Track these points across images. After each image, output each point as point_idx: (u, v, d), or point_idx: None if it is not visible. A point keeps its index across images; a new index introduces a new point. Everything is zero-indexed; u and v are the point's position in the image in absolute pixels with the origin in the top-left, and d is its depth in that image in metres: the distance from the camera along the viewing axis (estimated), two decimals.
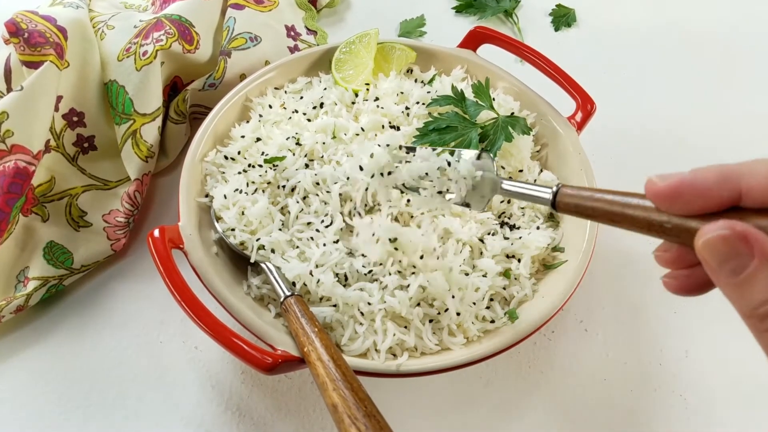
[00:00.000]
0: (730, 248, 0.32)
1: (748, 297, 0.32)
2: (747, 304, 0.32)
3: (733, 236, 0.32)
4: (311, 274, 0.61)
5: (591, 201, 0.42)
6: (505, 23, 1.12)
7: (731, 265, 0.32)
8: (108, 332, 0.70)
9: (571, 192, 0.44)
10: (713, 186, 0.33)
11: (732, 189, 0.33)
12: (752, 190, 0.33)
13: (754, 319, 0.31)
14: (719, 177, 0.33)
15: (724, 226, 0.32)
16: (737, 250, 0.32)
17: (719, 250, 0.32)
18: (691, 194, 0.34)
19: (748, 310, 0.32)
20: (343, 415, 0.46)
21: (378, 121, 0.73)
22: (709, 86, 1.02)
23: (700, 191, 0.34)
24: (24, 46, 0.71)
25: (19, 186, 0.69)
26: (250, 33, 0.88)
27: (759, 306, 0.31)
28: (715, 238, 0.32)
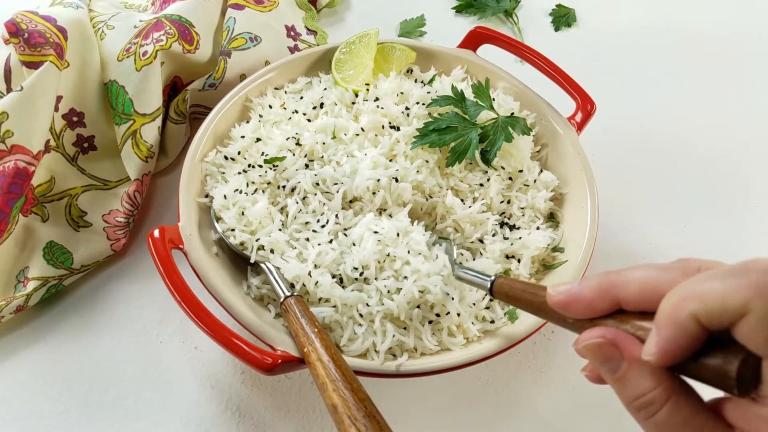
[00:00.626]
0: (603, 352, 0.37)
1: (624, 392, 0.36)
2: (624, 398, 0.36)
3: (605, 344, 0.37)
4: (310, 275, 0.61)
5: (518, 293, 0.49)
6: (505, 23, 1.12)
7: (607, 366, 0.37)
8: (107, 332, 0.70)
9: (504, 283, 0.52)
10: (594, 299, 0.39)
11: (611, 300, 0.38)
12: (627, 300, 0.37)
13: (632, 410, 0.36)
14: (597, 292, 0.38)
15: (598, 335, 0.37)
16: (609, 354, 0.37)
17: (596, 354, 0.37)
18: (577, 306, 0.40)
19: (627, 402, 0.36)
20: (343, 416, 0.46)
21: (378, 121, 0.73)
22: (709, 86, 1.02)
23: (584, 304, 0.39)
24: (24, 46, 0.71)
25: (18, 186, 0.69)
26: (250, 33, 0.88)
27: (633, 400, 0.36)
28: (590, 345, 0.38)
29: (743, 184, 0.90)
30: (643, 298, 0.37)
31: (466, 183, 0.71)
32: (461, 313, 0.60)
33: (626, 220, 0.83)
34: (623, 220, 0.83)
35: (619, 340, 0.37)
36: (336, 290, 0.60)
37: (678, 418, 0.34)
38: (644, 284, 0.37)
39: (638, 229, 0.83)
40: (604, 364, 0.37)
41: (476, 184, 0.71)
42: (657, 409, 0.35)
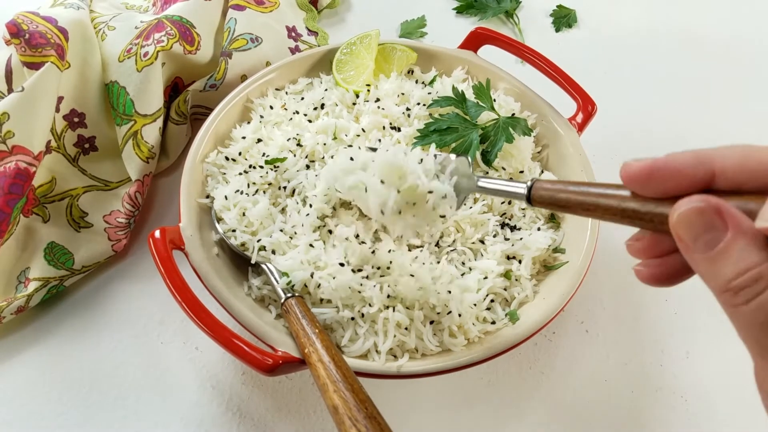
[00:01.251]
0: (704, 221, 0.32)
1: (723, 271, 0.31)
2: (721, 278, 0.31)
3: (708, 209, 0.32)
4: (312, 276, 0.61)
5: (565, 192, 0.42)
6: (506, 24, 1.12)
7: (705, 239, 0.32)
8: (108, 333, 0.70)
9: (545, 186, 0.45)
10: (688, 166, 0.34)
11: (706, 170, 0.34)
12: (725, 171, 0.33)
13: (728, 293, 0.31)
14: (693, 159, 0.34)
15: (699, 199, 0.32)
16: (711, 223, 0.32)
17: (694, 223, 0.32)
18: (665, 174, 0.34)
19: (722, 284, 0.31)
20: (344, 417, 0.46)
21: (379, 122, 0.73)
22: (710, 87, 1.02)
23: (674, 171, 0.34)
24: (25, 47, 0.71)
25: (20, 187, 0.69)
26: (251, 34, 0.88)
27: (733, 278, 0.31)
28: (690, 211, 0.32)
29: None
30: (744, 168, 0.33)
31: None
32: (462, 314, 0.60)
33: None
34: None
35: (725, 208, 0.32)
36: (336, 293, 0.59)
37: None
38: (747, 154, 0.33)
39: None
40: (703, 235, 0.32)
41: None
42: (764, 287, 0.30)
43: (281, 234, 0.65)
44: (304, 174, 0.68)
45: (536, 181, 0.46)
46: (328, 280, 0.60)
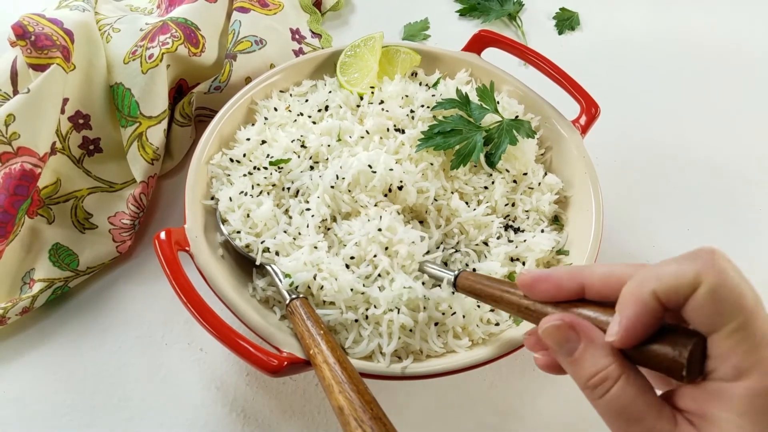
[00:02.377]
0: (561, 335, 0.40)
1: (581, 373, 0.39)
2: (581, 378, 0.39)
3: (563, 325, 0.40)
4: (315, 278, 0.61)
5: (480, 285, 0.52)
6: (509, 26, 1.12)
7: (565, 348, 0.40)
8: (113, 334, 0.70)
9: (468, 277, 0.55)
10: (563, 280, 0.42)
11: (578, 283, 0.42)
12: (593, 286, 0.41)
13: (587, 390, 0.39)
14: (568, 275, 0.42)
15: (558, 318, 0.41)
16: (567, 336, 0.40)
17: (554, 336, 0.40)
18: (545, 285, 0.43)
19: (582, 382, 0.39)
20: (350, 418, 0.46)
21: (383, 124, 0.73)
22: (712, 89, 1.03)
23: (552, 283, 0.43)
24: (31, 48, 0.72)
25: (25, 188, 0.69)
26: (255, 36, 0.88)
27: (589, 378, 0.38)
28: (550, 327, 0.41)
29: (746, 187, 0.90)
30: (606, 284, 0.40)
31: (470, 186, 0.71)
32: (466, 315, 0.60)
33: (630, 223, 0.83)
34: (627, 223, 0.83)
35: (577, 323, 0.40)
36: (339, 294, 0.60)
37: (630, 394, 0.37)
38: (608, 273, 0.41)
39: (642, 232, 0.83)
40: (563, 346, 0.40)
41: (481, 187, 0.71)
42: (611, 385, 0.37)
43: (285, 235, 0.65)
44: (308, 175, 0.69)
45: (462, 271, 0.56)
46: (330, 282, 0.60)
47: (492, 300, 0.50)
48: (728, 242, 0.83)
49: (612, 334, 0.38)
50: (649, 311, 0.36)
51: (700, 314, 0.35)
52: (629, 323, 0.37)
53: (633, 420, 0.37)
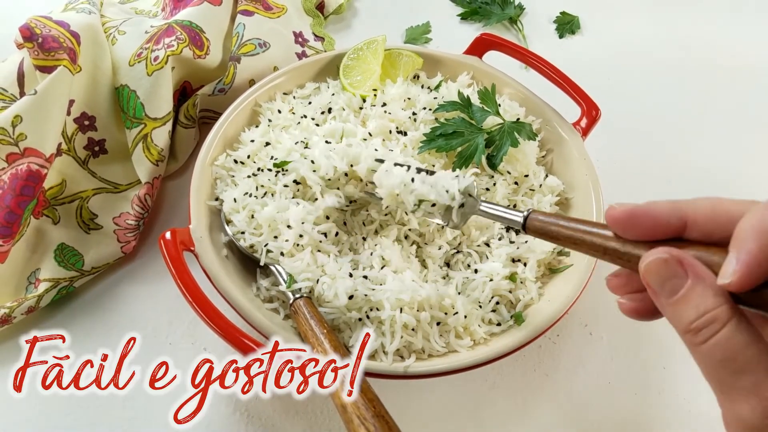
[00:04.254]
0: (668, 270, 0.36)
1: (684, 314, 0.35)
2: (683, 321, 0.35)
3: (671, 260, 0.36)
4: (317, 281, 0.62)
5: (556, 226, 0.47)
6: (510, 30, 1.13)
7: (669, 286, 0.36)
8: (117, 333, 0.70)
9: (539, 217, 0.49)
10: (663, 215, 0.38)
11: (679, 218, 0.38)
12: (697, 221, 0.37)
13: (690, 334, 0.35)
14: (669, 208, 0.38)
15: (664, 251, 0.37)
16: (674, 272, 0.36)
17: (659, 271, 0.36)
18: (643, 220, 0.39)
19: (684, 326, 0.35)
20: (352, 416, 0.47)
21: (385, 126, 0.74)
22: (712, 92, 1.03)
23: (651, 218, 0.39)
24: (38, 50, 0.72)
25: (31, 188, 0.70)
26: (259, 39, 0.89)
27: (694, 320, 0.35)
28: (655, 261, 0.37)
29: (746, 190, 0.90)
30: (713, 219, 0.36)
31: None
32: (468, 316, 0.61)
33: None
34: None
35: (685, 258, 0.36)
36: (346, 282, 0.60)
37: (739, 340, 0.33)
38: (716, 206, 0.37)
39: None
40: (667, 282, 0.36)
41: (482, 189, 0.72)
42: (719, 328, 0.33)
43: (289, 234, 0.65)
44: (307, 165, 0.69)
45: (532, 211, 0.50)
46: (330, 287, 0.61)
47: (571, 242, 0.45)
48: None
49: (727, 274, 0.34)
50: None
51: None
52: (751, 259, 0.33)
53: (740, 371, 0.33)
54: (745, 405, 0.33)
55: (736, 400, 0.33)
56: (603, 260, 0.42)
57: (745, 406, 0.33)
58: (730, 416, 0.34)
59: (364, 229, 0.69)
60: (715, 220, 0.36)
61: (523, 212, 0.51)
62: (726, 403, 0.34)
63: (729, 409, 0.34)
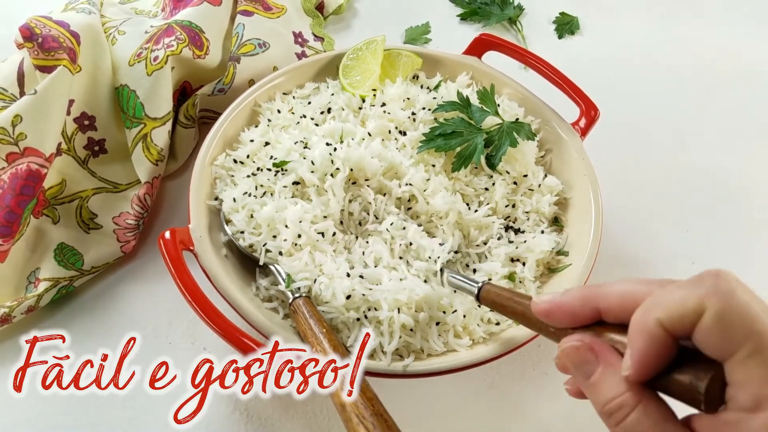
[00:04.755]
0: (579, 356, 0.39)
1: (598, 397, 0.38)
2: (598, 403, 0.38)
3: (582, 347, 0.39)
4: (315, 281, 0.62)
5: (503, 300, 0.52)
6: (509, 30, 1.13)
7: (583, 370, 0.39)
8: (117, 333, 0.71)
9: (490, 289, 0.54)
10: (577, 307, 0.41)
11: (592, 309, 0.40)
12: (608, 309, 0.39)
13: (604, 415, 0.37)
14: (581, 300, 0.41)
15: (577, 339, 0.40)
16: (585, 358, 0.39)
17: (572, 357, 0.39)
18: (560, 314, 0.42)
19: (599, 407, 0.38)
20: (351, 414, 0.47)
21: (385, 126, 0.74)
22: (711, 92, 1.04)
23: (567, 312, 0.42)
24: (38, 50, 0.73)
25: (31, 188, 0.70)
26: (258, 39, 0.89)
27: (605, 404, 0.37)
28: (569, 347, 0.40)
29: (746, 190, 0.90)
30: (622, 307, 0.38)
31: (471, 187, 0.72)
32: (467, 315, 0.61)
33: (629, 225, 0.84)
34: (627, 224, 0.84)
35: (596, 345, 0.39)
36: (344, 282, 0.60)
37: (647, 423, 0.35)
38: (624, 295, 0.39)
39: (641, 234, 0.84)
40: (580, 367, 0.39)
41: (481, 189, 0.72)
42: (627, 413, 0.36)
43: (288, 233, 0.65)
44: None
45: (485, 283, 0.56)
46: (327, 287, 0.61)
47: (515, 316, 0.49)
48: (727, 244, 0.84)
49: (626, 368, 0.36)
50: (659, 341, 0.35)
51: (709, 341, 0.33)
52: (640, 356, 0.35)
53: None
54: None
55: None
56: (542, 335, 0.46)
57: None
58: None
59: (359, 228, 0.69)
60: (623, 307, 0.38)
61: (478, 283, 0.56)
62: None
63: None
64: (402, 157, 0.70)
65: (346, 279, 0.61)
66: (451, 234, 0.68)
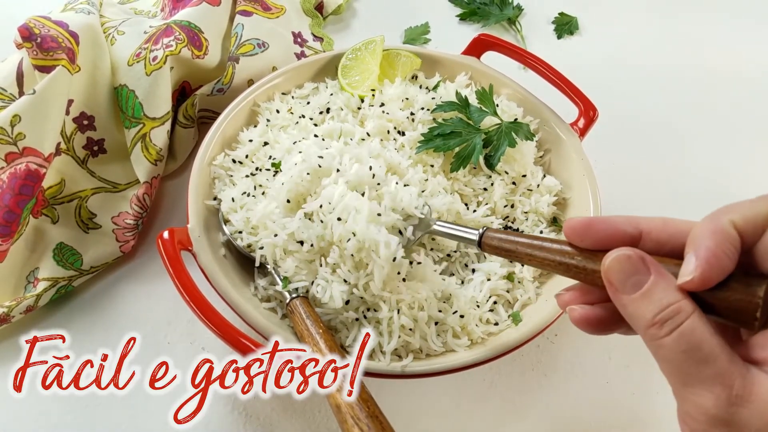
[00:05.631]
0: (631, 266, 0.37)
1: (647, 308, 0.36)
2: (647, 316, 0.36)
3: (635, 256, 0.37)
4: (312, 283, 0.62)
5: (511, 243, 0.48)
6: (509, 31, 1.13)
7: (632, 281, 0.37)
8: (116, 333, 0.71)
9: (494, 235, 0.50)
10: (620, 222, 0.40)
11: (635, 227, 0.40)
12: (651, 231, 0.39)
13: (654, 327, 0.35)
14: (625, 218, 0.40)
15: (627, 249, 0.38)
16: (637, 268, 0.37)
17: (621, 268, 0.37)
18: (601, 227, 0.40)
19: (647, 320, 0.36)
20: (346, 416, 0.47)
21: (383, 126, 0.74)
22: (710, 93, 1.04)
23: (609, 224, 0.40)
24: (37, 50, 0.73)
25: (30, 188, 0.70)
26: (258, 39, 0.89)
27: (657, 313, 0.35)
28: (619, 257, 0.38)
29: (745, 190, 0.90)
30: (665, 230, 0.39)
31: (470, 187, 0.72)
32: (465, 315, 0.61)
33: None
34: None
35: (647, 256, 0.37)
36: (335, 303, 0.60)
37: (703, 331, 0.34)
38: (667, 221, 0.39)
39: None
40: (630, 278, 0.37)
41: (480, 189, 0.72)
42: (684, 318, 0.34)
43: (283, 234, 0.65)
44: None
45: (487, 229, 0.51)
46: (326, 288, 0.61)
47: (527, 258, 0.46)
48: None
49: (688, 272, 0.35)
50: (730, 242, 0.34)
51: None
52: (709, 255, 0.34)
53: (704, 360, 0.33)
54: (708, 395, 0.33)
55: (698, 391, 0.34)
56: (557, 273, 0.43)
57: (709, 396, 0.33)
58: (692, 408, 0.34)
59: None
60: (666, 231, 0.39)
61: (479, 230, 0.52)
62: (688, 396, 0.35)
63: (691, 401, 0.34)
64: (400, 157, 0.70)
65: (344, 284, 0.61)
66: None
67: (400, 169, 0.69)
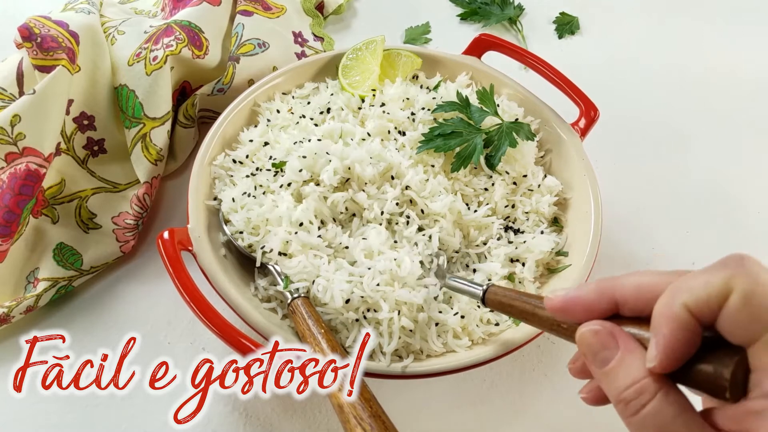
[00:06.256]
0: (598, 341, 0.38)
1: (615, 384, 0.36)
2: (614, 390, 0.36)
3: (602, 331, 0.38)
4: (313, 282, 0.62)
5: (510, 300, 0.50)
6: (510, 30, 1.13)
7: (601, 356, 0.37)
8: (116, 333, 0.71)
9: (497, 291, 0.52)
10: (593, 300, 0.40)
11: (608, 301, 0.39)
12: (625, 300, 0.38)
13: (621, 404, 0.36)
14: (597, 293, 0.39)
15: (597, 323, 0.38)
16: (605, 342, 0.37)
17: (591, 342, 0.38)
18: (576, 308, 0.40)
19: (615, 395, 0.36)
20: (349, 416, 0.47)
21: (384, 126, 0.74)
22: (711, 93, 1.03)
23: (583, 305, 0.40)
24: (37, 50, 0.73)
25: (30, 188, 0.70)
26: (258, 39, 0.89)
27: (623, 390, 0.35)
28: (587, 332, 0.38)
29: (745, 190, 0.90)
30: (639, 298, 0.37)
31: (471, 188, 0.72)
32: (466, 316, 0.61)
33: (629, 225, 0.84)
34: (626, 225, 0.84)
35: (617, 331, 0.38)
36: (342, 285, 0.60)
37: (669, 412, 0.34)
38: (640, 285, 0.38)
39: (641, 234, 0.84)
40: (599, 353, 0.37)
41: (481, 189, 0.72)
42: (647, 400, 0.34)
43: (285, 235, 0.65)
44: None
45: (491, 286, 0.54)
46: (327, 287, 0.61)
47: (524, 315, 0.48)
48: (727, 244, 0.84)
49: (651, 358, 0.35)
50: (685, 327, 0.34)
51: (735, 324, 0.33)
52: (667, 343, 0.34)
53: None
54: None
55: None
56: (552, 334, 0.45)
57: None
58: None
59: (352, 227, 0.68)
60: (640, 298, 0.37)
61: (482, 286, 0.55)
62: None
63: None
64: (401, 157, 0.70)
65: (345, 283, 0.61)
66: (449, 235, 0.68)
67: (401, 169, 0.69)
